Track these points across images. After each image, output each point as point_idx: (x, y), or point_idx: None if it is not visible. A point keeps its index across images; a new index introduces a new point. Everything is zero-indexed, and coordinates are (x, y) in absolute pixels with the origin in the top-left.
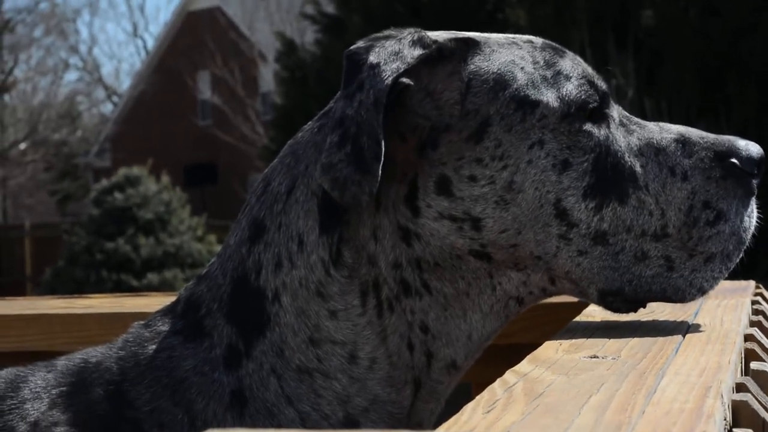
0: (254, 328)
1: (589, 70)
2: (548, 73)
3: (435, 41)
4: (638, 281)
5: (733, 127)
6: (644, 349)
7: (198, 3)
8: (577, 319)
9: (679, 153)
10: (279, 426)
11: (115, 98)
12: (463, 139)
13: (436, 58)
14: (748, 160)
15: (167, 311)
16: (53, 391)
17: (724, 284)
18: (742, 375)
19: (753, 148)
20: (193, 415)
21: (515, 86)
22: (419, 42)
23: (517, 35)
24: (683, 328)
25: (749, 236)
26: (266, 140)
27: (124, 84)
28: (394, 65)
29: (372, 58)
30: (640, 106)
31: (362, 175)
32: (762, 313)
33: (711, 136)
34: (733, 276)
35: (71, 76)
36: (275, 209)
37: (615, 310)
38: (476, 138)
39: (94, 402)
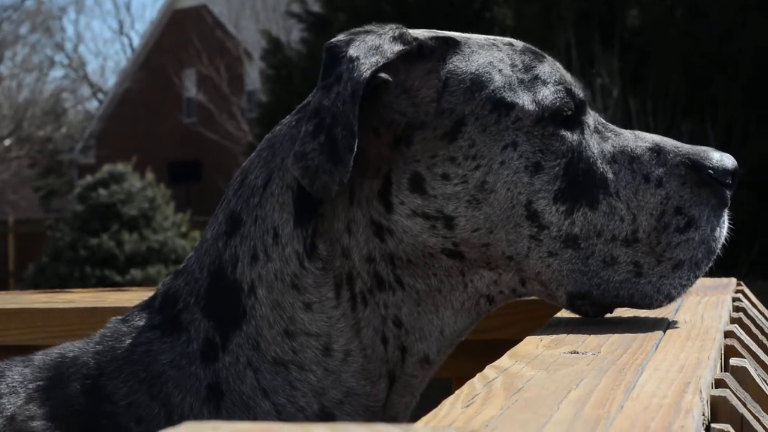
0: (230, 322)
1: (568, 77)
2: (526, 77)
3: (416, 38)
4: (606, 286)
5: (718, 128)
6: (624, 345)
7: (184, 1)
8: (558, 315)
9: (653, 161)
10: (255, 418)
11: (100, 95)
12: (437, 137)
13: (415, 55)
14: (722, 170)
15: (145, 306)
16: (30, 386)
17: (705, 281)
18: (721, 371)
19: (727, 160)
20: (170, 409)
21: (492, 88)
22: (400, 38)
23: (498, 37)
24: (663, 325)
25: (719, 246)
26: (251, 138)
27: (110, 81)
28: (373, 59)
29: (352, 51)
30: (626, 106)
31: (334, 165)
32: (742, 310)
33: (686, 147)
34: (715, 273)
35: (57, 73)
36: (251, 202)
37: (583, 314)
38: (450, 137)
39: (71, 396)
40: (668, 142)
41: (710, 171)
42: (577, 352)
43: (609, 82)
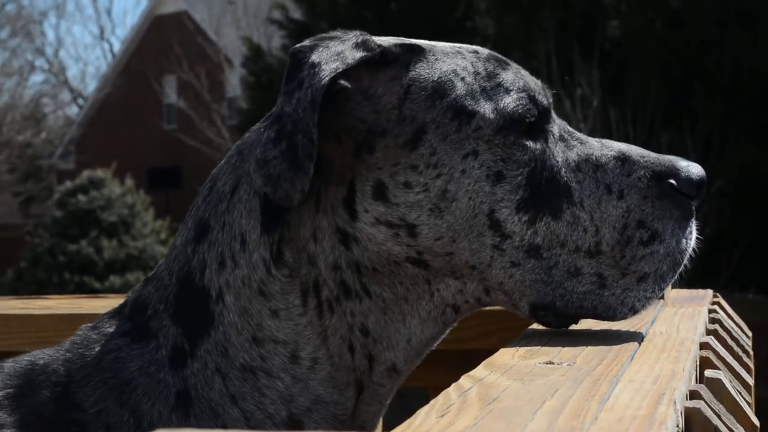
0: (199, 328)
1: (532, 84)
2: (488, 85)
3: (379, 45)
4: (570, 297)
5: (697, 139)
6: (599, 356)
7: (165, 7)
8: (534, 325)
9: (617, 171)
10: (224, 425)
11: (80, 101)
12: (398, 145)
13: (378, 62)
14: (686, 181)
15: (115, 313)
16: (0, 393)
17: (682, 293)
18: (696, 383)
19: (693, 170)
20: (139, 417)
21: (453, 96)
22: (362, 45)
23: (464, 45)
24: (639, 336)
25: (686, 258)
26: (231, 144)
27: (90, 87)
28: (333, 65)
29: (314, 57)
30: (605, 116)
31: (295, 173)
32: (718, 321)
33: (653, 156)
34: (693, 284)
35: (37, 78)
36: (219, 209)
37: (546, 325)
38: (411, 145)
39: (41, 404)
40: (634, 151)
41: (671, 182)
42: (553, 363)
43: (589, 92)
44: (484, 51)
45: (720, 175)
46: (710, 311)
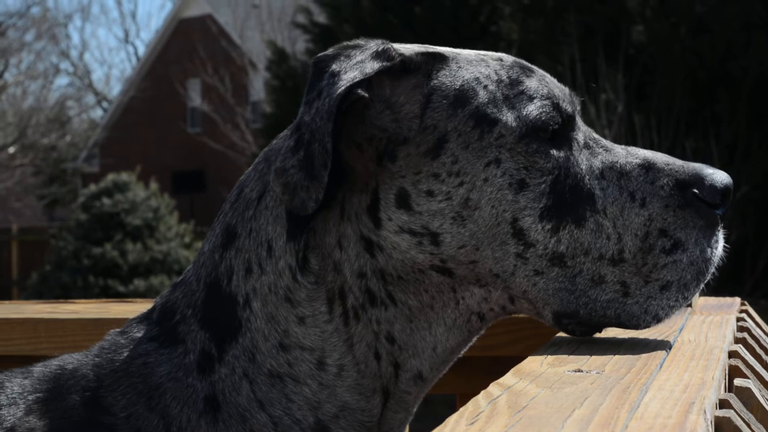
0: (227, 334)
1: (557, 91)
2: (511, 93)
3: (400, 54)
4: (594, 305)
5: (721, 144)
6: (628, 364)
7: (189, 10)
8: (562, 332)
9: (641, 178)
10: (252, 431)
11: (105, 104)
12: (420, 154)
13: (400, 70)
14: (710, 189)
15: (143, 318)
16: (30, 398)
17: (710, 300)
18: (725, 391)
19: (718, 178)
20: (168, 421)
21: (475, 104)
22: (383, 54)
23: (489, 52)
24: (668, 344)
25: (711, 268)
26: (255, 148)
27: (115, 90)
28: (352, 74)
29: (334, 66)
30: (630, 122)
31: (310, 182)
32: (746, 330)
33: (678, 163)
34: (719, 292)
35: (62, 81)
36: (246, 215)
37: (570, 333)
38: (433, 153)
39: (71, 408)
40: (660, 159)
41: (695, 191)
42: (582, 371)
43: (613, 97)
44: (509, 58)
45: (745, 181)
46: (738, 319)
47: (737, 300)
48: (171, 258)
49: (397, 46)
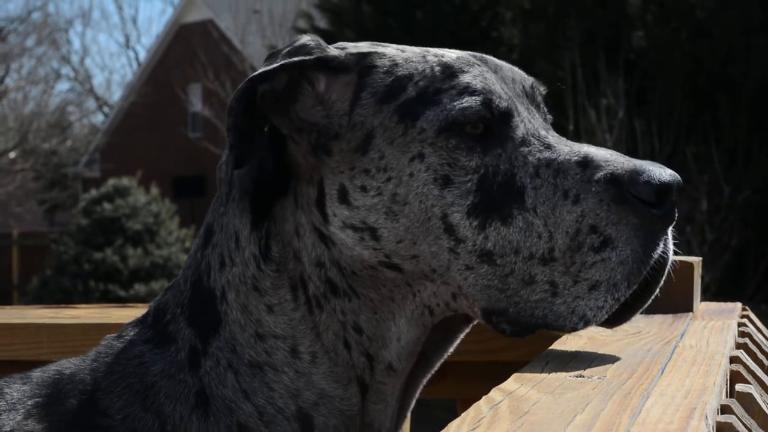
0: (209, 328)
1: (496, 86)
2: (443, 87)
3: (322, 50)
4: (524, 305)
5: (722, 149)
6: (630, 370)
7: (190, 16)
8: (564, 337)
9: (578, 176)
10: (238, 422)
11: (105, 109)
12: (351, 150)
13: (330, 68)
14: (645, 186)
15: (138, 322)
16: (28, 402)
17: (711, 306)
18: (727, 397)
19: (656, 174)
20: (163, 420)
21: (402, 99)
22: (301, 49)
23: (434, 49)
24: (669, 349)
25: (645, 269)
26: None
27: (116, 95)
28: (260, 72)
29: (265, 63)
30: (630, 127)
31: (239, 142)
32: (748, 335)
33: (620, 160)
34: (720, 296)
35: (62, 86)
36: (219, 211)
37: (501, 332)
38: (362, 149)
39: (69, 411)
40: (601, 156)
41: (629, 188)
42: (583, 376)
43: (614, 102)
44: (453, 53)
45: (746, 186)
46: (739, 324)
47: (738, 305)
48: (171, 263)
49: (349, 44)
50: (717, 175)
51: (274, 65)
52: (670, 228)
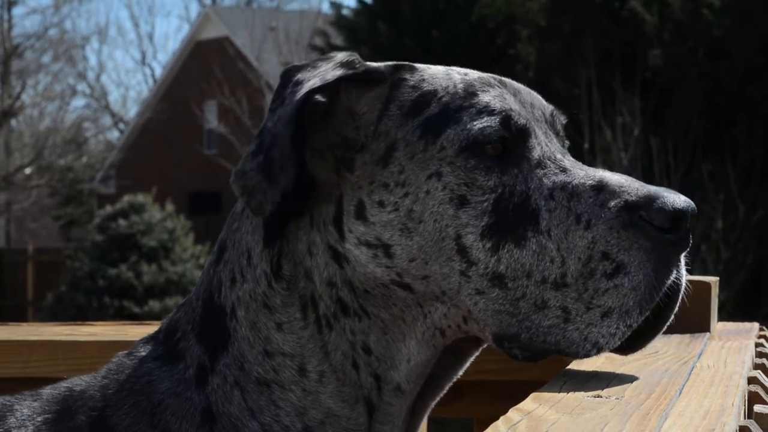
0: (218, 344)
1: (515, 107)
2: (464, 105)
3: (365, 64)
4: (536, 330)
5: (738, 168)
6: (648, 390)
7: (207, 32)
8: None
9: (591, 200)
10: None
11: (121, 125)
12: (374, 162)
13: (366, 81)
14: (658, 211)
15: (149, 339)
16: (38, 419)
17: (728, 326)
18: (745, 418)
19: (669, 201)
20: None
21: (426, 115)
22: (346, 64)
23: (459, 68)
24: (687, 370)
25: (658, 294)
26: None
27: (131, 111)
28: (312, 82)
29: (299, 75)
30: (646, 145)
31: (269, 185)
32: (765, 355)
33: (634, 185)
34: (733, 315)
35: (78, 102)
36: (233, 227)
37: (513, 357)
38: (384, 162)
39: (77, 428)
40: (615, 181)
41: (642, 213)
42: (601, 396)
43: (630, 121)
44: (476, 73)
45: (762, 205)
46: (757, 345)
47: (756, 325)
48: (186, 279)
49: (373, 64)
50: (732, 193)
51: (330, 78)
52: (684, 254)
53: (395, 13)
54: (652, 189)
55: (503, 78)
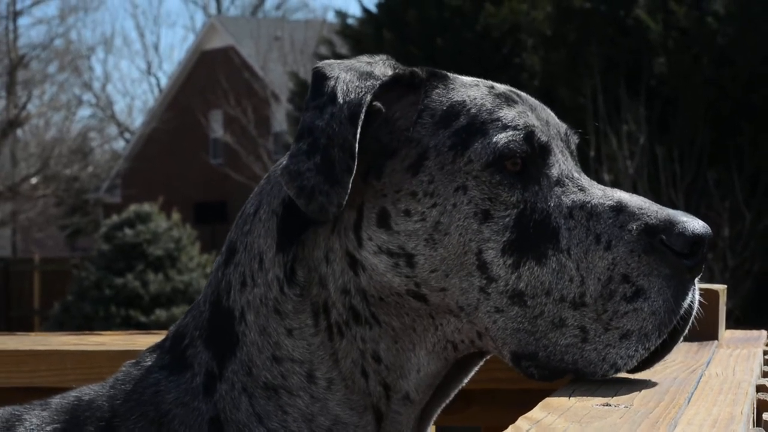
0: (226, 349)
1: (537, 123)
2: (489, 119)
3: (409, 67)
4: (553, 348)
5: (744, 176)
6: (657, 398)
7: (212, 42)
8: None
9: (611, 221)
10: None
11: (127, 135)
12: (403, 169)
13: (405, 86)
14: (679, 237)
15: (156, 347)
16: (47, 428)
17: (736, 333)
18: (754, 426)
19: (690, 226)
20: None
21: (456, 126)
22: (391, 66)
23: (484, 80)
24: (695, 378)
25: (675, 319)
26: None
27: (137, 121)
28: (368, 83)
29: (343, 74)
30: (652, 153)
31: (331, 187)
32: None
33: (653, 208)
34: (741, 323)
35: (84, 112)
36: (243, 230)
37: (530, 376)
38: (414, 169)
39: None
40: (635, 202)
41: (662, 237)
42: (610, 405)
43: (635, 129)
44: (501, 86)
45: (767, 213)
46: (765, 352)
47: (764, 333)
48: (192, 288)
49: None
50: (738, 201)
51: (387, 77)
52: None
53: (400, 22)
54: (671, 213)
55: (520, 92)
